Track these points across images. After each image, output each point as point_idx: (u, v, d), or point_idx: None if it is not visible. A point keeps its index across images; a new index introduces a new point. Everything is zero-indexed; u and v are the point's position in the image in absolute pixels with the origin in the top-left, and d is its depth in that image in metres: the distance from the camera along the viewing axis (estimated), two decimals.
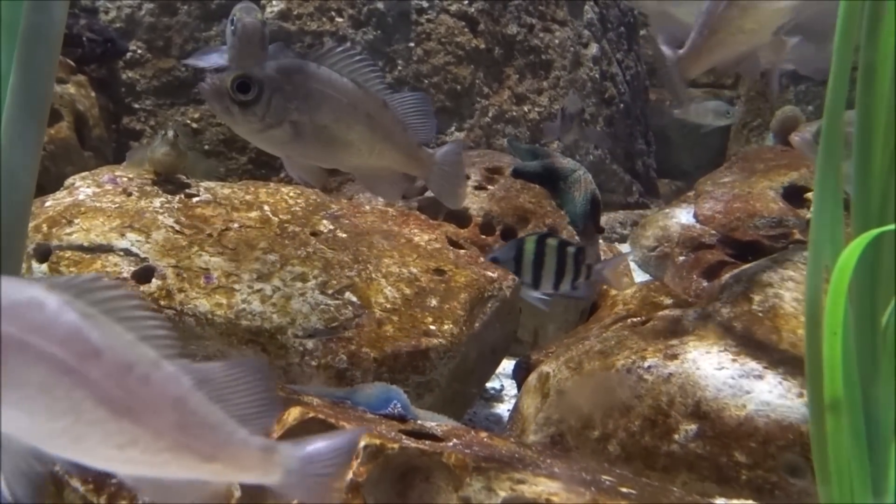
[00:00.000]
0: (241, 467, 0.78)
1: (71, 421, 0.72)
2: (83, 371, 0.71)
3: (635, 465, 1.42)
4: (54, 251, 1.69)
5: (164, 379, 0.74)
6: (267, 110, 1.23)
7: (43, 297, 0.71)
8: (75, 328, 0.71)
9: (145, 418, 0.73)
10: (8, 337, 0.69)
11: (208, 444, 0.76)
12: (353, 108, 1.29)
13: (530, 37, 3.39)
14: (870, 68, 1.07)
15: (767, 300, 1.54)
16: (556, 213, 2.37)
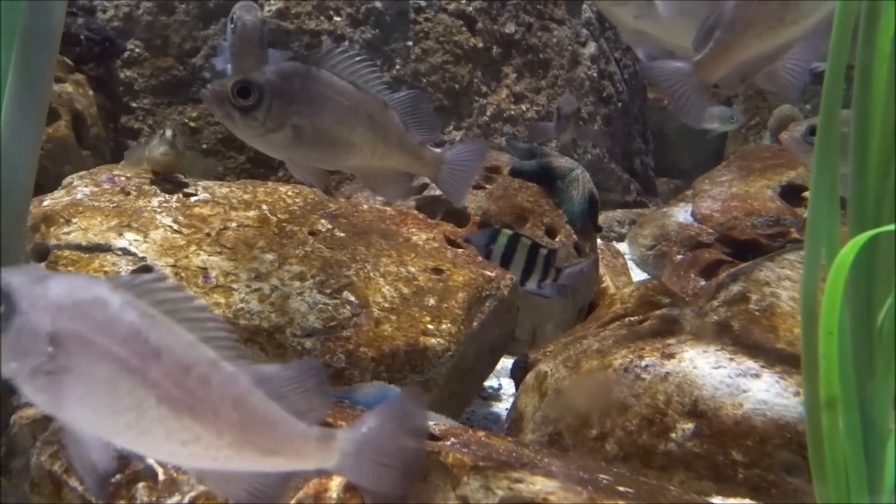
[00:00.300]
0: (302, 457, 0.82)
1: (135, 417, 0.75)
2: (144, 370, 0.74)
3: (632, 464, 1.42)
4: (52, 250, 1.69)
5: (224, 379, 0.77)
6: (268, 115, 1.24)
7: (107, 297, 0.74)
8: (136, 328, 0.74)
9: (206, 417, 0.76)
10: (73, 335, 0.72)
11: (270, 439, 0.79)
12: (353, 110, 1.29)
13: (528, 36, 3.39)
14: (866, 67, 1.08)
15: (764, 299, 1.54)
16: (554, 212, 2.37)
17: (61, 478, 1.04)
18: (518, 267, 1.73)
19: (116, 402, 0.74)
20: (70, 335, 0.72)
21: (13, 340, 0.72)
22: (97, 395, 0.74)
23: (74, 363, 0.73)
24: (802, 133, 1.76)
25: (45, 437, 1.06)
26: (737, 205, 2.81)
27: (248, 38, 1.80)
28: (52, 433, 1.06)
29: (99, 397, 0.74)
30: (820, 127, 1.10)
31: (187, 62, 3.02)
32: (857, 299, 1.08)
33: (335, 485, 1.00)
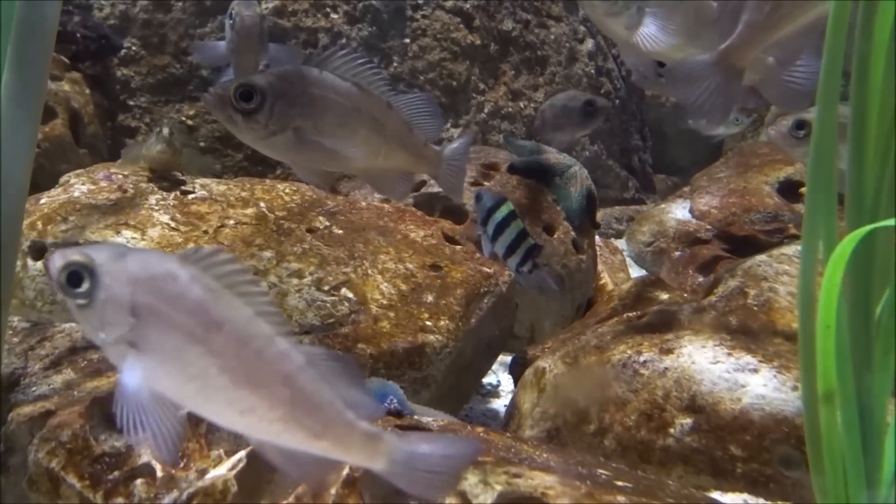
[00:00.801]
0: (347, 448, 0.82)
1: (201, 384, 0.80)
2: (208, 340, 0.79)
3: (631, 459, 1.42)
4: (49, 248, 1.68)
5: (277, 355, 0.80)
6: (270, 118, 1.24)
7: (177, 271, 0.79)
8: (201, 300, 0.79)
9: (260, 389, 0.80)
10: (148, 305, 0.78)
11: (316, 421, 0.81)
12: (356, 111, 1.30)
13: (526, 33, 3.39)
14: (864, 60, 1.07)
15: (762, 294, 1.54)
16: (552, 209, 2.37)
17: (59, 475, 1.04)
18: (504, 244, 1.76)
19: (186, 370, 0.79)
20: (146, 306, 0.78)
21: (99, 312, 0.78)
22: (170, 362, 0.79)
23: (150, 333, 0.79)
24: (789, 127, 1.75)
25: (42, 435, 1.06)
26: (735, 201, 2.82)
27: (247, 34, 1.79)
28: (49, 430, 1.06)
29: (171, 365, 0.79)
30: (816, 122, 1.09)
31: (184, 60, 3.01)
32: (855, 292, 1.08)
33: (333, 481, 1.00)
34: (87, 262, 0.78)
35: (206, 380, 0.79)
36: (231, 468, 1.00)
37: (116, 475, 1.01)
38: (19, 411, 1.10)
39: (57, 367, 1.17)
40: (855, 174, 1.10)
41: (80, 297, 0.79)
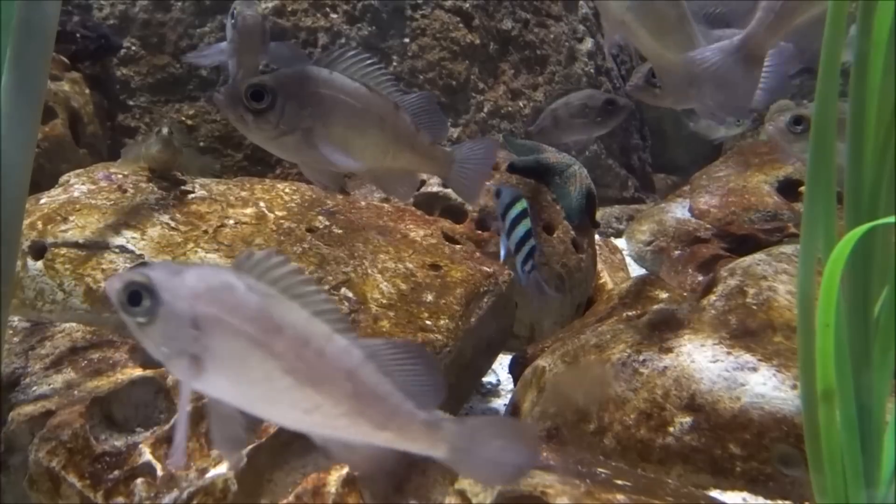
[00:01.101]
0: (410, 438, 0.86)
1: (266, 388, 0.83)
2: (270, 345, 0.82)
3: (630, 458, 1.42)
4: (49, 248, 1.69)
5: (338, 352, 0.83)
6: (281, 117, 1.24)
7: (233, 281, 0.83)
8: (260, 307, 0.82)
9: (324, 387, 0.83)
10: (210, 317, 0.82)
11: (379, 413, 0.84)
12: (365, 112, 1.31)
13: (525, 32, 3.39)
14: (863, 57, 1.07)
15: (762, 293, 1.55)
16: (551, 208, 2.37)
17: (59, 474, 1.04)
18: (514, 240, 1.78)
19: (250, 375, 0.83)
20: (207, 318, 0.82)
21: (161, 328, 0.82)
22: (234, 369, 0.83)
23: (213, 343, 0.82)
24: (787, 122, 1.75)
25: (43, 434, 1.06)
26: (734, 200, 2.82)
27: (248, 33, 1.79)
28: (49, 430, 1.06)
29: (235, 371, 0.83)
30: (814, 120, 1.09)
31: (184, 60, 3.01)
32: (853, 290, 1.08)
33: (333, 479, 1.00)
34: (146, 282, 0.82)
35: (271, 383, 0.82)
36: (231, 467, 1.00)
37: (117, 474, 1.01)
38: (20, 411, 1.10)
39: (57, 366, 1.17)
40: (853, 172, 1.10)
41: (140, 315, 0.81)
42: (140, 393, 1.15)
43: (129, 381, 1.13)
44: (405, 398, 0.84)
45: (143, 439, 1.06)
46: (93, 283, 1.63)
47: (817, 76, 1.09)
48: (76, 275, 1.65)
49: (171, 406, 1.12)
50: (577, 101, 2.64)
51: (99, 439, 1.06)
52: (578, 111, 2.60)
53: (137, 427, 1.12)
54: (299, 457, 1.05)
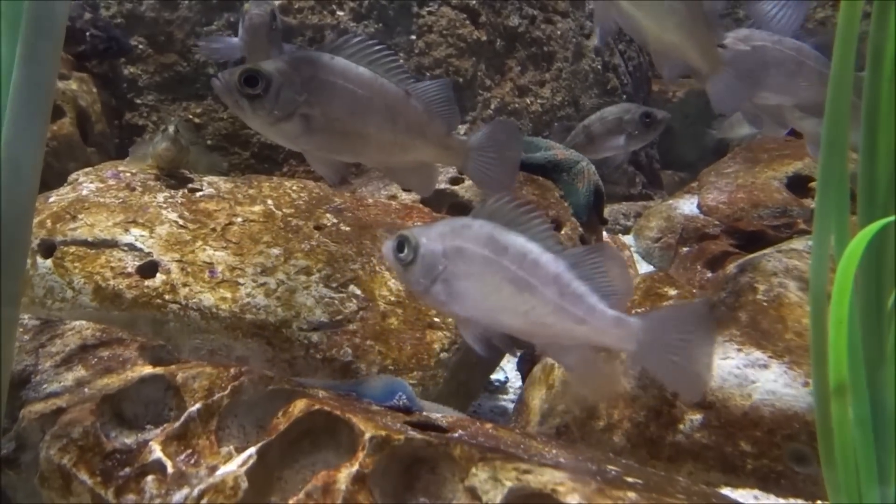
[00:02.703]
0: (603, 332, 1.04)
1: (496, 299, 1.06)
2: (500, 261, 1.05)
3: (640, 455, 1.42)
4: (59, 246, 1.69)
5: (547, 261, 1.05)
6: (275, 103, 1.22)
7: (469, 221, 1.08)
8: (491, 235, 1.06)
9: (538, 290, 1.04)
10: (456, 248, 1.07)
11: (580, 309, 1.04)
12: (368, 99, 1.26)
13: (532, 28, 3.38)
14: (878, 53, 1.06)
15: (772, 290, 1.53)
16: (559, 205, 2.36)
17: (70, 471, 1.04)
18: None
19: (485, 289, 1.06)
20: (454, 249, 1.07)
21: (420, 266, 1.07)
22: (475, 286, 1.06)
23: (460, 267, 1.07)
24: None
25: (54, 432, 1.07)
26: (743, 196, 2.80)
27: (255, 32, 1.80)
28: (60, 427, 1.06)
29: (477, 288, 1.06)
30: (827, 113, 1.08)
31: (191, 58, 3.02)
32: (867, 285, 1.07)
33: (343, 477, 1.00)
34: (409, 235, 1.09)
35: (500, 293, 1.05)
36: (241, 465, 1.00)
37: (127, 471, 1.02)
38: (31, 408, 1.10)
39: (68, 364, 1.17)
40: (866, 168, 1.09)
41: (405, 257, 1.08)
42: (150, 390, 1.15)
43: (139, 379, 1.13)
44: (600, 299, 1.03)
45: (153, 437, 1.06)
46: (101, 281, 1.63)
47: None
48: (85, 273, 1.65)
49: (181, 403, 1.12)
50: (612, 116, 2.60)
51: (109, 437, 1.06)
52: (614, 126, 2.56)
53: (147, 424, 1.12)
54: (309, 454, 1.05)
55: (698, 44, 1.46)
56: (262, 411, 1.10)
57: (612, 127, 2.58)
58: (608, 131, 2.59)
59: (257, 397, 1.11)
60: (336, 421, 1.06)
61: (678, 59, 1.46)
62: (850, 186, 1.11)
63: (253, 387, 1.11)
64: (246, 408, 1.10)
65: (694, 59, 1.48)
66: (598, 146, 2.59)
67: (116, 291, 1.63)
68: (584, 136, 2.62)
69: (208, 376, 1.13)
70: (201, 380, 1.12)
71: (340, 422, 1.05)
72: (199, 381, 1.12)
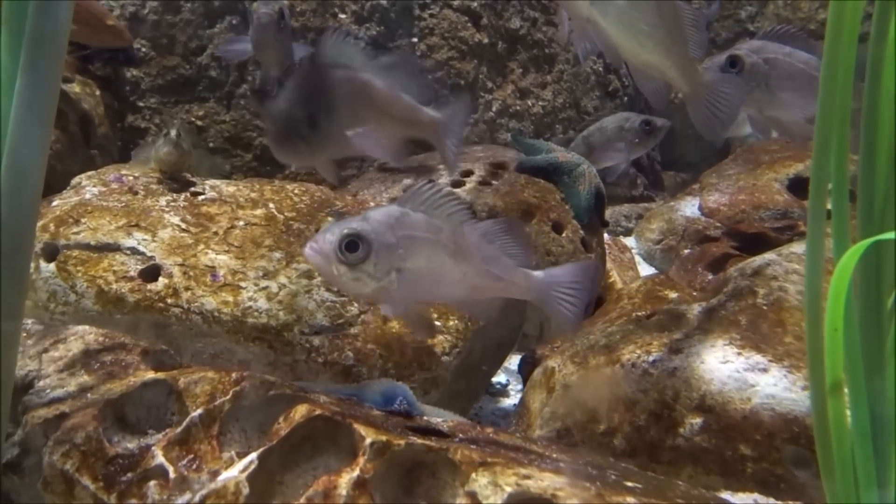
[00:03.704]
0: (514, 286, 1.27)
1: (440, 272, 1.20)
2: (438, 239, 1.19)
3: (641, 459, 1.42)
4: (62, 250, 1.70)
5: (470, 232, 1.22)
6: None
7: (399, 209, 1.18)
8: (426, 220, 1.19)
9: (468, 258, 1.21)
10: (408, 237, 1.17)
11: (499, 270, 1.24)
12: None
13: (533, 31, 3.38)
14: (877, 64, 1.06)
15: (772, 293, 1.54)
16: (560, 208, 2.37)
17: (73, 476, 1.05)
18: None
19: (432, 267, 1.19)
20: (405, 238, 1.17)
21: (374, 261, 1.14)
22: (427, 268, 1.19)
23: (411, 251, 1.17)
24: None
25: (57, 437, 1.07)
26: (744, 198, 2.80)
27: (263, 31, 1.82)
28: (63, 432, 1.07)
29: (427, 270, 1.19)
30: (818, 117, 1.07)
31: (193, 61, 3.03)
32: (865, 290, 1.07)
33: (344, 482, 1.00)
34: (358, 235, 1.14)
35: (443, 266, 1.19)
36: (243, 470, 1.01)
37: (130, 476, 1.02)
38: (34, 414, 1.11)
39: (71, 369, 1.18)
40: (865, 175, 1.09)
41: (356, 257, 1.13)
42: (152, 395, 1.15)
43: (142, 384, 1.14)
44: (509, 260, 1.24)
45: (155, 442, 1.07)
46: (104, 285, 1.64)
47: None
48: (88, 276, 1.66)
49: (183, 408, 1.13)
50: (612, 125, 2.59)
51: (112, 441, 1.07)
52: (615, 135, 2.56)
53: (150, 429, 1.12)
54: (310, 459, 1.06)
55: (677, 63, 1.45)
56: (263, 416, 1.11)
57: (612, 136, 2.58)
58: (608, 140, 2.59)
59: (259, 402, 1.12)
60: (337, 426, 1.06)
61: (658, 78, 1.45)
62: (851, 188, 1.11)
63: (254, 391, 1.12)
64: (247, 412, 1.11)
65: (673, 77, 1.48)
66: (599, 155, 2.59)
67: (119, 295, 1.64)
68: (585, 146, 2.63)
69: (210, 381, 1.13)
70: (203, 385, 1.13)
71: (341, 427, 1.06)
72: (201, 385, 1.13)
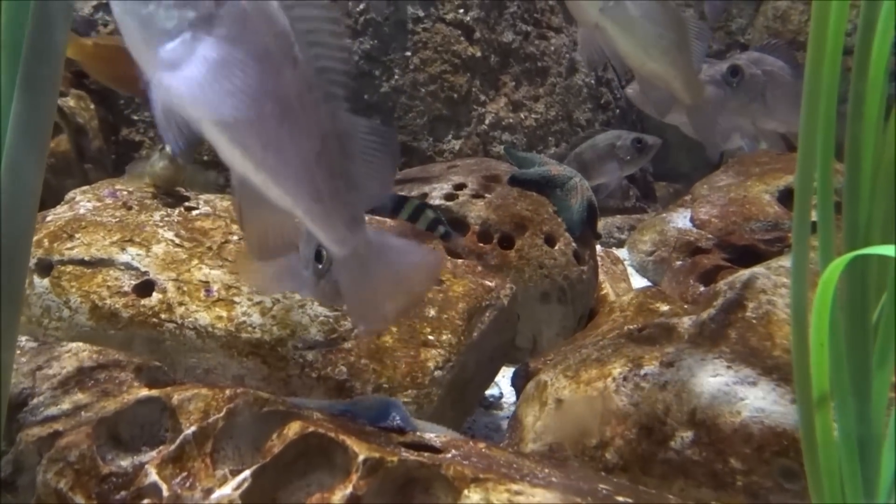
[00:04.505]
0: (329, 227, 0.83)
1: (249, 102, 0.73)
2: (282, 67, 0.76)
3: (633, 473, 1.43)
4: (55, 266, 1.71)
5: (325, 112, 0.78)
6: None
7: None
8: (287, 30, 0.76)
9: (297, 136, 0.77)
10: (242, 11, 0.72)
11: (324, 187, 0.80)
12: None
13: (526, 44, 3.41)
14: (863, 65, 1.06)
15: (761, 307, 1.56)
16: (553, 221, 2.39)
17: (66, 495, 1.05)
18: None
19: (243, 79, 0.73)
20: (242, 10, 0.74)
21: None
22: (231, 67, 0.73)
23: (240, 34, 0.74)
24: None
25: (50, 455, 1.08)
26: (735, 210, 2.83)
27: None
28: (57, 451, 1.07)
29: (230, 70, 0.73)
30: (802, 124, 1.08)
31: None
32: (850, 300, 1.08)
33: (337, 499, 1.01)
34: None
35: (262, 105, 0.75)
36: (236, 487, 1.01)
37: (123, 495, 1.03)
38: (28, 432, 1.11)
39: (65, 387, 1.18)
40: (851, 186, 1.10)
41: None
42: (146, 412, 1.16)
43: (136, 401, 1.15)
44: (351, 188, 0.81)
45: (148, 459, 1.07)
46: (98, 300, 1.65)
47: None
48: (82, 292, 1.67)
49: (177, 425, 1.13)
50: (603, 143, 2.62)
51: (105, 459, 1.07)
52: (606, 152, 2.58)
53: (143, 446, 1.13)
54: (303, 476, 1.06)
55: (682, 74, 1.48)
56: (257, 433, 1.11)
57: (604, 154, 2.61)
58: (600, 158, 2.61)
59: (252, 419, 1.12)
60: (330, 442, 1.07)
61: (663, 86, 1.48)
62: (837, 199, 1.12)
63: (248, 408, 1.13)
64: (241, 429, 1.11)
65: (677, 88, 1.51)
66: (592, 173, 2.62)
67: (113, 310, 1.64)
68: (577, 163, 2.65)
69: (204, 398, 1.14)
70: (197, 401, 1.14)
71: (334, 443, 1.07)
72: (195, 402, 1.13)
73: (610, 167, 2.61)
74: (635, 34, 1.41)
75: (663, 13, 1.42)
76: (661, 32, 1.41)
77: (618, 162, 2.57)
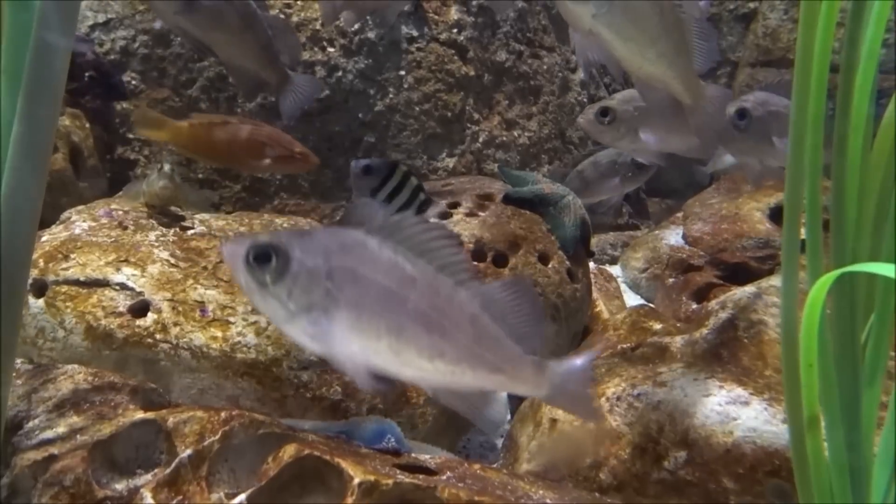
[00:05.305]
0: (519, 380, 0.92)
1: (394, 338, 0.86)
2: (404, 294, 0.85)
3: (626, 493, 1.44)
4: (51, 286, 1.71)
5: (463, 299, 0.88)
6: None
7: (365, 239, 0.86)
8: (394, 261, 0.85)
9: (450, 333, 0.87)
10: (345, 269, 0.84)
11: (496, 357, 0.90)
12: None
13: (519, 63, 3.45)
14: (849, 71, 1.07)
15: (752, 326, 1.57)
16: (546, 239, 2.40)
17: None
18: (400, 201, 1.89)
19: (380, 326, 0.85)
20: (342, 270, 0.84)
21: (290, 283, 0.83)
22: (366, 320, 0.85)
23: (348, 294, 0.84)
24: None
25: (45, 479, 1.08)
26: (727, 227, 2.85)
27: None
28: (52, 475, 1.07)
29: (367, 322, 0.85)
30: (790, 145, 1.10)
31: (183, 93, 3.06)
32: (839, 321, 1.10)
33: None
34: (274, 244, 0.84)
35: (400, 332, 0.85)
36: None
37: None
38: (23, 456, 1.11)
39: (60, 410, 1.19)
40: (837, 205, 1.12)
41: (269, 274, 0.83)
42: (141, 434, 1.16)
43: (131, 424, 1.15)
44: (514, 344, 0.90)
45: (144, 483, 1.07)
46: (93, 321, 1.65)
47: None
48: (77, 312, 1.67)
49: (172, 448, 1.14)
50: (605, 160, 2.64)
51: (101, 483, 1.08)
52: (608, 169, 2.60)
53: (138, 469, 1.13)
54: (298, 498, 1.07)
55: (680, 75, 1.47)
56: (252, 455, 1.12)
57: (605, 171, 2.63)
58: (602, 175, 2.64)
59: (248, 441, 1.13)
60: (325, 465, 1.08)
61: (661, 88, 1.47)
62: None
63: (243, 431, 1.13)
64: (236, 452, 1.12)
65: (677, 90, 1.49)
66: (594, 190, 2.64)
67: (108, 331, 1.64)
68: (579, 181, 2.68)
69: (199, 420, 1.14)
70: (192, 424, 1.14)
71: (329, 466, 1.07)
72: (190, 425, 1.14)
73: (612, 184, 2.64)
74: (629, 39, 1.39)
75: (658, 16, 1.41)
76: (656, 35, 1.39)
77: (620, 179, 2.60)
